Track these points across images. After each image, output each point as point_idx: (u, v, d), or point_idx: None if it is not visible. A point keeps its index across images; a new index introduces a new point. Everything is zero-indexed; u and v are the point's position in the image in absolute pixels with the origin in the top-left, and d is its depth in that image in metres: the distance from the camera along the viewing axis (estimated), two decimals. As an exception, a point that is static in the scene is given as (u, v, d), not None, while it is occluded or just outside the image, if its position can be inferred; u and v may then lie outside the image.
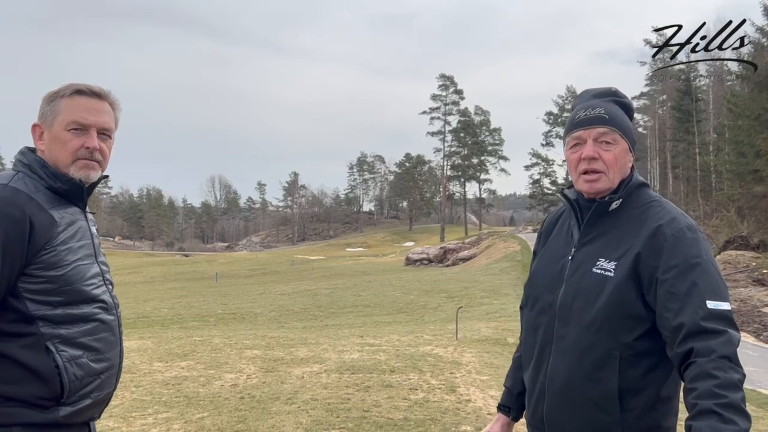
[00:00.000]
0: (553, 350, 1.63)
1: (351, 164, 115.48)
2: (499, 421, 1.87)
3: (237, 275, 44.52)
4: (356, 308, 18.30)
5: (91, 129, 1.72)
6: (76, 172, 1.71)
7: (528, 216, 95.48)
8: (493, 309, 15.68)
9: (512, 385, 1.88)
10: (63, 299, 1.61)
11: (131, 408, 5.21)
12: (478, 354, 7.96)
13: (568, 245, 1.70)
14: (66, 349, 1.59)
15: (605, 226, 1.64)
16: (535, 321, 1.71)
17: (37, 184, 1.64)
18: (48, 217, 1.61)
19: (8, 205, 1.55)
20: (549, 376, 1.63)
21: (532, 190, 79.93)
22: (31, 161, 1.68)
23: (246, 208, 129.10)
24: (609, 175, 1.61)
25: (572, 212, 1.71)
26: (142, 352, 8.05)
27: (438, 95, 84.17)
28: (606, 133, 1.61)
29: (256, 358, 7.54)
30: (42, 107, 1.72)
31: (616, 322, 1.53)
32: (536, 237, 1.91)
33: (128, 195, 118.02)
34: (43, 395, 1.56)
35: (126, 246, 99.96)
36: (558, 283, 1.65)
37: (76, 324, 1.63)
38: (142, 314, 17.38)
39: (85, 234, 1.72)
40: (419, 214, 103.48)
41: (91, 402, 1.66)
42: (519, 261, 28.81)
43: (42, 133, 1.71)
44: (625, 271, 1.54)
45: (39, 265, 1.57)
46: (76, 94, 1.71)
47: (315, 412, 5.02)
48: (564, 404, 1.59)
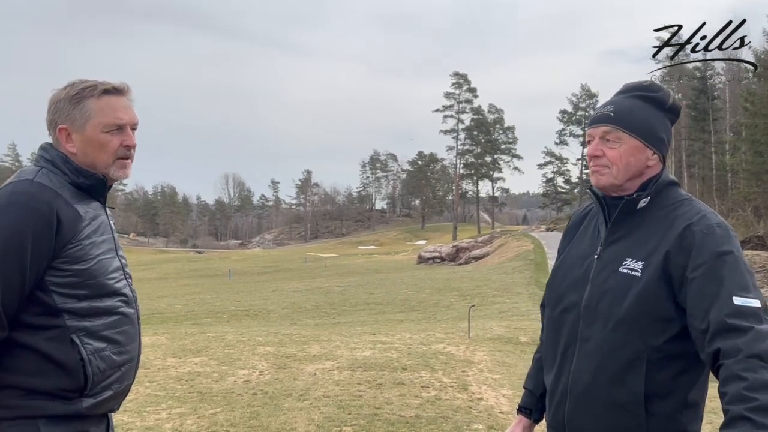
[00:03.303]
0: (576, 351, 1.59)
1: (363, 162, 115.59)
2: (520, 423, 1.84)
3: (250, 272, 44.75)
4: (368, 306, 18.32)
5: (126, 127, 1.74)
6: (116, 172, 1.75)
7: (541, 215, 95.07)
8: (506, 308, 15.64)
9: (533, 387, 1.84)
10: (88, 292, 1.64)
11: (145, 403, 5.27)
12: (490, 353, 7.95)
13: (595, 244, 1.67)
14: (90, 341, 1.63)
15: (633, 225, 1.61)
16: (558, 321, 1.67)
17: (60, 180, 1.67)
18: (73, 211, 1.64)
19: (35, 200, 1.58)
20: (572, 378, 1.59)
21: (546, 188, 79.62)
22: (54, 157, 1.70)
23: (259, 205, 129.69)
24: (613, 171, 1.60)
25: (600, 210, 1.68)
26: (156, 347, 8.13)
27: (451, 93, 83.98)
28: (609, 132, 1.60)
29: (269, 355, 7.59)
30: (64, 109, 1.70)
31: (644, 323, 1.50)
32: (562, 235, 1.88)
33: (143, 192, 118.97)
34: (68, 387, 1.60)
35: (140, 243, 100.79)
36: (583, 283, 1.62)
37: (100, 317, 1.66)
38: (156, 310, 17.53)
39: (106, 228, 1.75)
40: (432, 212, 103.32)
41: (112, 394, 1.70)
42: (532, 260, 28.68)
43: (69, 135, 1.71)
44: (653, 271, 1.51)
45: (65, 258, 1.60)
46: (104, 94, 1.71)
47: (327, 409, 5.05)
48: (587, 407, 1.56)
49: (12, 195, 1.60)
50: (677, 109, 1.67)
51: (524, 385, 1.90)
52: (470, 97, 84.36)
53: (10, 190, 1.62)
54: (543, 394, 1.78)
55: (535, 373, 1.86)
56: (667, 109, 1.64)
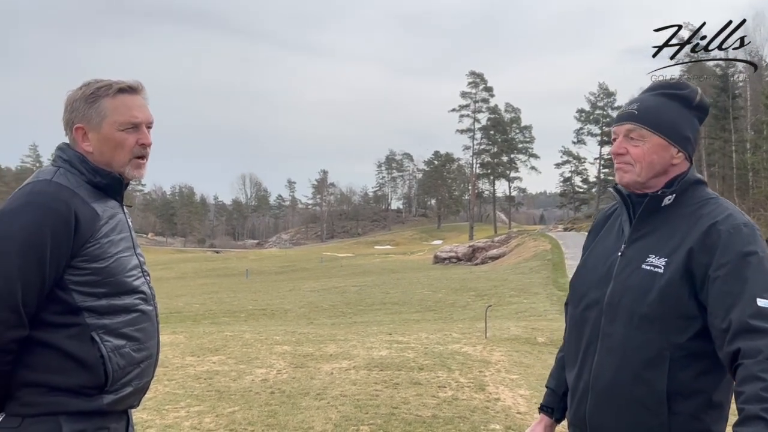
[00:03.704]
0: (598, 348, 1.59)
1: (379, 162, 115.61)
2: (542, 422, 1.84)
3: (267, 272, 45.00)
4: (384, 306, 18.34)
5: (142, 125, 1.75)
6: (132, 171, 1.76)
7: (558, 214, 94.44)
8: (523, 308, 15.57)
9: (556, 386, 1.84)
10: (107, 290, 1.65)
11: (164, 401, 5.32)
12: (508, 353, 7.91)
13: (619, 241, 1.66)
14: (110, 339, 1.65)
15: (657, 222, 1.60)
16: (581, 318, 1.67)
17: (78, 179, 1.68)
18: (91, 210, 1.65)
19: (54, 200, 1.60)
20: (593, 375, 1.59)
21: (563, 188, 79.03)
22: (71, 157, 1.71)
23: (276, 205, 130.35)
24: (636, 168, 1.59)
25: (624, 208, 1.68)
26: (174, 346, 8.20)
27: (467, 92, 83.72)
28: (632, 130, 1.60)
29: (286, 354, 7.63)
30: (79, 108, 1.71)
31: (667, 320, 1.49)
32: (587, 234, 1.88)
33: (161, 192, 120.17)
34: (88, 384, 1.62)
35: (159, 242, 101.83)
36: (606, 280, 1.61)
37: (119, 314, 1.68)
38: (175, 309, 17.70)
39: (124, 227, 1.76)
40: (448, 212, 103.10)
41: (132, 390, 1.72)
42: (549, 260, 28.52)
43: (86, 134, 1.72)
44: (676, 268, 1.50)
45: (84, 257, 1.62)
46: (119, 93, 1.72)
47: (344, 408, 5.07)
48: (608, 404, 1.56)
49: (30, 195, 1.61)
50: (705, 107, 1.66)
51: (546, 384, 1.89)
52: (487, 97, 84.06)
53: (28, 190, 1.64)
54: (565, 393, 1.77)
55: (558, 372, 1.85)
56: (694, 107, 1.63)
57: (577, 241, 34.97)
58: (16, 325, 1.55)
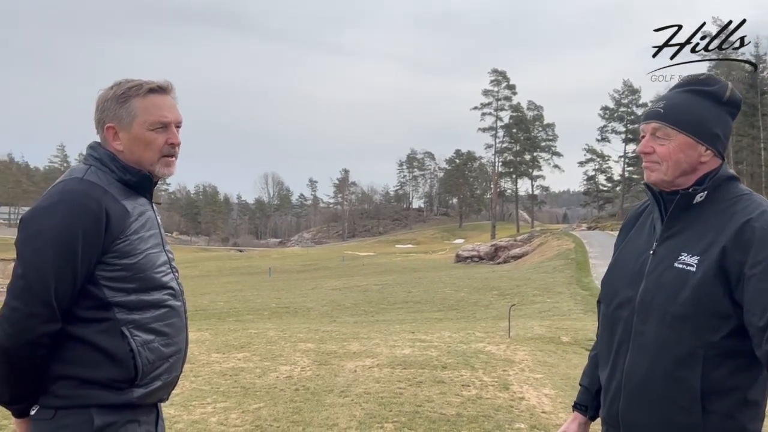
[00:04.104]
0: (631, 347, 1.58)
1: (401, 161, 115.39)
2: (575, 420, 1.83)
3: (289, 270, 45.29)
4: (407, 304, 18.34)
5: (171, 125, 1.77)
6: (161, 169, 1.78)
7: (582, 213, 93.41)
8: (547, 307, 15.45)
9: (589, 384, 1.82)
10: (136, 286, 1.68)
11: (191, 397, 5.39)
12: (532, 352, 7.85)
13: (651, 239, 1.64)
14: (139, 334, 1.67)
15: (689, 220, 1.58)
16: (613, 316, 1.66)
17: (108, 177, 1.71)
18: (121, 207, 1.67)
19: (86, 197, 1.63)
20: (626, 373, 1.58)
21: (587, 186, 78.10)
22: (102, 155, 1.74)
23: (298, 204, 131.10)
24: (663, 167, 1.58)
25: (656, 205, 1.66)
26: (200, 343, 8.29)
27: (490, 90, 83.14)
28: (658, 128, 1.59)
29: (310, 351, 7.66)
30: (110, 108, 1.74)
31: (700, 319, 1.47)
32: (618, 231, 1.86)
33: (185, 191, 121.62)
34: (119, 378, 1.64)
35: (183, 241, 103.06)
36: (638, 278, 1.60)
37: (148, 310, 1.70)
38: (200, 307, 17.90)
39: (153, 224, 1.78)
40: (469, 210, 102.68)
41: (161, 384, 1.74)
42: (573, 259, 28.25)
43: (116, 133, 1.74)
44: (709, 266, 1.48)
45: (114, 253, 1.64)
46: (149, 93, 1.74)
47: (368, 406, 5.07)
48: (641, 403, 1.55)
49: (63, 193, 1.65)
50: (736, 102, 1.62)
51: (580, 382, 1.89)
52: (509, 95, 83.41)
53: (60, 188, 1.67)
54: (598, 391, 1.76)
55: (591, 369, 1.84)
56: (724, 102, 1.60)
57: (602, 241, 34.59)
58: (50, 320, 1.58)
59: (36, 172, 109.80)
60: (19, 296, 1.57)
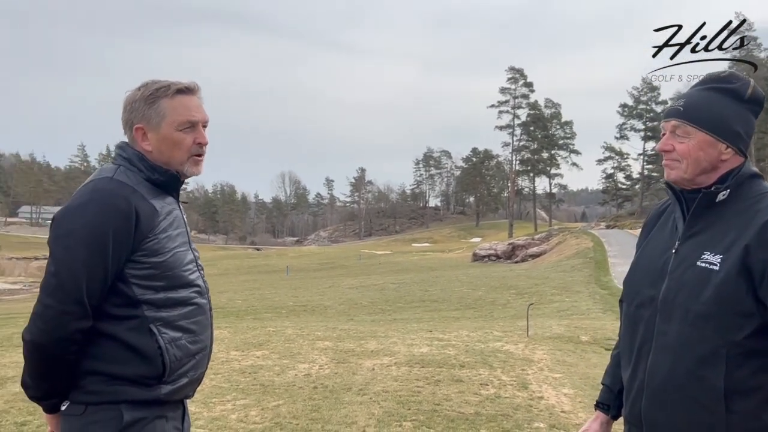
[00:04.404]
0: (653, 346, 1.58)
1: (417, 160, 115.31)
2: (597, 419, 1.83)
3: (306, 269, 45.48)
4: (424, 303, 18.33)
5: (198, 125, 1.80)
6: (190, 168, 1.81)
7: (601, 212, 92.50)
8: (565, 306, 15.35)
9: (611, 383, 1.83)
10: (164, 284, 1.71)
11: (211, 394, 5.44)
12: (550, 351, 7.82)
13: (672, 238, 1.64)
14: (167, 331, 1.70)
15: (712, 218, 1.57)
16: (635, 316, 1.66)
17: (137, 177, 1.74)
18: (150, 207, 1.70)
19: (115, 196, 1.66)
20: (648, 373, 1.58)
21: (606, 184, 77.32)
22: (131, 155, 1.77)
23: (314, 203, 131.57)
24: (683, 165, 1.58)
25: (677, 204, 1.66)
26: (219, 341, 8.37)
27: (507, 88, 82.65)
28: (678, 126, 1.59)
29: (328, 350, 7.70)
30: (139, 109, 1.76)
31: (723, 318, 1.46)
32: (640, 230, 1.86)
33: (203, 191, 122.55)
34: (147, 374, 1.67)
35: (201, 240, 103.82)
36: (660, 278, 1.60)
37: (176, 307, 1.73)
38: (218, 305, 18.04)
39: (180, 222, 1.81)
40: (486, 209, 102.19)
41: (187, 381, 1.77)
42: (591, 258, 28.01)
43: (145, 134, 1.77)
44: (732, 265, 1.47)
45: (143, 252, 1.67)
46: (177, 93, 1.77)
47: (386, 404, 5.09)
48: (664, 402, 1.55)
49: (93, 192, 1.68)
50: (759, 100, 1.61)
51: (602, 381, 1.88)
52: (526, 92, 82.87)
53: (91, 187, 1.70)
54: (621, 390, 1.76)
55: (613, 369, 1.84)
56: (746, 100, 1.59)
57: (621, 239, 34.25)
58: (81, 317, 1.61)
59: (57, 172, 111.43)
60: (51, 294, 1.60)
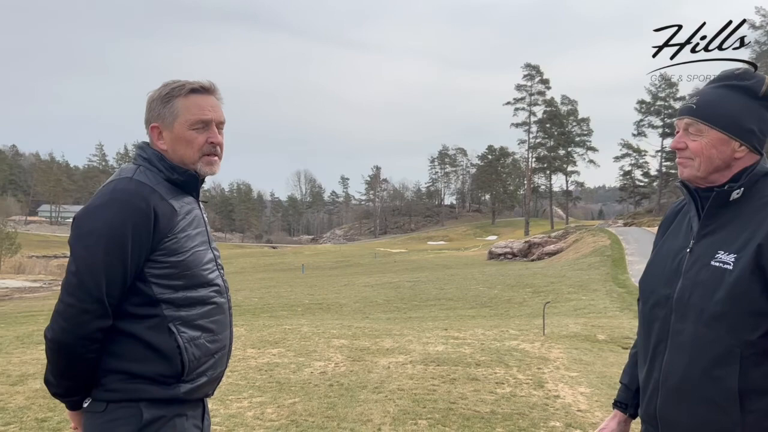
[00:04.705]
0: (668, 346, 1.58)
1: (432, 157, 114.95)
2: (615, 417, 1.84)
3: (322, 267, 45.58)
4: (439, 301, 18.29)
5: (212, 124, 1.81)
6: (203, 167, 1.83)
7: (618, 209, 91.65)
8: (582, 305, 15.23)
9: (629, 382, 1.83)
10: (183, 283, 1.73)
11: (228, 392, 5.49)
12: (567, 350, 7.77)
13: (687, 237, 1.64)
14: (186, 330, 1.72)
15: (726, 218, 1.57)
16: (650, 315, 1.66)
17: (157, 176, 1.76)
18: (169, 206, 1.72)
19: (135, 197, 1.68)
20: (663, 372, 1.58)
21: (623, 182, 76.49)
22: (150, 155, 1.79)
23: (330, 201, 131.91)
24: (695, 163, 1.58)
25: (692, 203, 1.65)
26: (236, 339, 8.36)
27: (523, 85, 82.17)
28: (691, 124, 1.59)
29: (343, 348, 7.73)
30: (155, 108, 1.79)
31: (738, 318, 1.46)
32: (657, 228, 1.86)
33: (220, 189, 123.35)
34: (166, 373, 1.70)
35: (218, 238, 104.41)
36: (675, 277, 1.60)
37: (195, 307, 1.75)
38: (235, 303, 18.01)
39: (200, 222, 1.83)
40: (502, 207, 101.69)
41: (206, 380, 1.79)
42: (609, 256, 27.75)
43: (161, 133, 1.80)
44: (745, 265, 1.46)
45: (162, 251, 1.70)
46: (191, 93, 1.79)
47: (402, 402, 5.10)
48: (679, 401, 1.55)
49: (113, 192, 1.70)
50: None
51: (620, 380, 1.89)
52: (543, 89, 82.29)
53: (111, 187, 1.73)
54: (638, 389, 1.76)
55: (631, 368, 1.84)
56: (761, 97, 1.58)
57: (638, 237, 33.90)
58: (101, 316, 1.64)
59: (75, 171, 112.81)
60: (72, 293, 1.63)
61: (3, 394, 5.48)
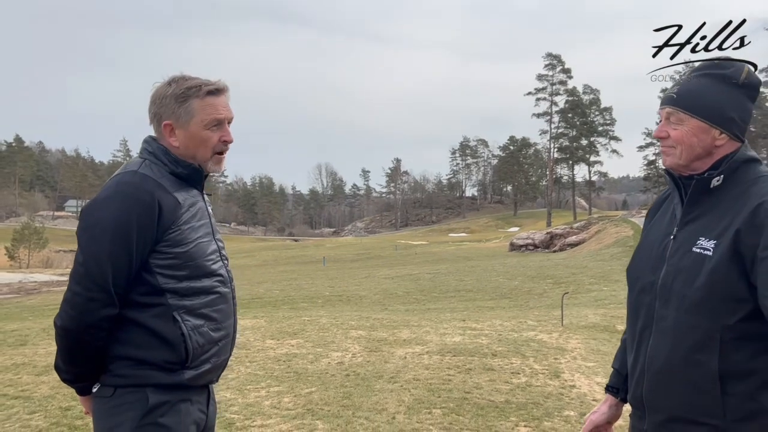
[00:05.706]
0: (653, 331, 1.61)
1: (453, 149, 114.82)
2: (607, 402, 1.87)
3: (343, 259, 45.82)
4: (458, 293, 18.29)
5: (224, 123, 1.87)
6: (213, 165, 1.89)
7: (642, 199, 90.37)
8: (603, 296, 15.12)
9: (620, 366, 1.86)
10: (187, 273, 1.78)
11: (246, 381, 5.59)
12: (585, 340, 7.74)
13: (671, 225, 1.67)
14: (190, 318, 1.78)
15: (708, 204, 1.59)
16: (637, 301, 1.69)
17: (161, 170, 1.82)
18: (173, 199, 1.78)
19: (139, 190, 1.74)
20: (649, 357, 1.61)
21: (647, 171, 75.49)
22: (155, 149, 1.85)
23: (351, 194, 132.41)
24: (677, 151, 1.60)
25: (676, 190, 1.68)
26: (255, 330, 8.55)
27: (544, 75, 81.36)
28: (672, 113, 1.60)
29: (361, 338, 7.79)
30: (168, 105, 1.82)
31: (717, 303, 1.48)
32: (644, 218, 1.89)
33: (242, 183, 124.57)
34: (171, 360, 1.76)
35: (241, 231, 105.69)
36: (660, 264, 1.62)
37: (198, 296, 1.80)
38: (256, 295, 18.37)
39: (203, 214, 1.88)
40: (524, 198, 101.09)
41: (210, 367, 1.84)
42: (631, 246, 27.44)
43: (173, 130, 1.84)
44: (724, 250, 1.48)
45: (166, 242, 1.75)
46: (208, 95, 1.84)
47: (417, 392, 5.14)
48: (663, 386, 1.58)
49: (119, 185, 1.76)
50: (754, 84, 1.60)
51: (612, 365, 1.93)
52: (564, 79, 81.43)
53: (116, 180, 1.79)
54: None
55: (622, 353, 1.87)
56: (741, 85, 1.58)
57: (662, 227, 33.42)
58: (108, 304, 1.71)
59: (101, 166, 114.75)
60: (79, 282, 1.70)
61: (29, 384, 5.65)
